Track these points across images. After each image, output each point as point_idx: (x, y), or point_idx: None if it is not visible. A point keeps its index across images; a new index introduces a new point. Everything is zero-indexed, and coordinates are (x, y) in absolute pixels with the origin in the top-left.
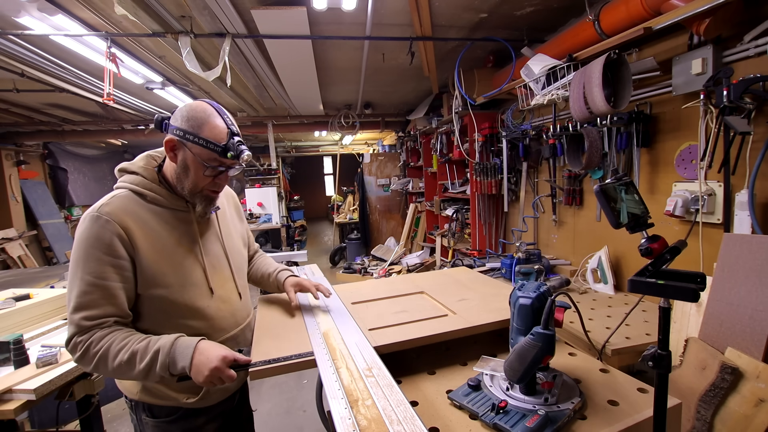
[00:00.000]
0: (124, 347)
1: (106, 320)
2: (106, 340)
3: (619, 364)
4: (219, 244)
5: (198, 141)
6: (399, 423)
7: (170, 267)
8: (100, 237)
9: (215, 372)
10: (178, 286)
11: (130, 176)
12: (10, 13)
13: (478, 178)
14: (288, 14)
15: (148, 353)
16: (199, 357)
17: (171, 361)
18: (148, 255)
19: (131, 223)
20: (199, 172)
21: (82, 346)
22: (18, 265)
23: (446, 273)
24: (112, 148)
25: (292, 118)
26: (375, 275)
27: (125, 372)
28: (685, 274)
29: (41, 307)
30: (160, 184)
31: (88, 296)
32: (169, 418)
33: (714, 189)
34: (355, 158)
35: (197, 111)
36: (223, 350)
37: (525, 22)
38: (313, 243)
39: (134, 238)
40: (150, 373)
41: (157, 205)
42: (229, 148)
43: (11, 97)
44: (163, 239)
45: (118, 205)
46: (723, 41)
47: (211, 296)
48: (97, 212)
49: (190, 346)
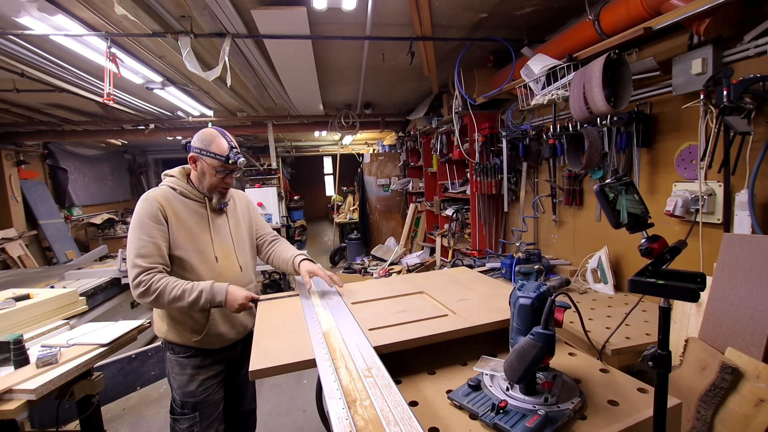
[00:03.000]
0: (177, 286)
1: (157, 265)
2: (164, 280)
3: (619, 364)
4: (227, 229)
5: (209, 154)
6: (396, 424)
7: (189, 238)
8: (150, 210)
9: (242, 304)
10: (193, 251)
11: (169, 178)
12: (10, 13)
13: (478, 178)
14: (288, 14)
15: (194, 291)
16: (230, 296)
17: (211, 297)
18: (175, 227)
19: (167, 205)
20: (212, 175)
21: (146, 283)
22: (18, 265)
23: (446, 273)
24: (112, 148)
25: (292, 118)
26: (375, 275)
27: (177, 302)
28: (685, 274)
29: (41, 307)
30: (188, 184)
31: (145, 249)
32: (185, 354)
33: (714, 189)
34: (355, 158)
35: (206, 134)
36: (245, 292)
37: (525, 22)
38: (313, 243)
39: (168, 214)
40: (195, 304)
41: (185, 197)
42: (230, 158)
43: (11, 97)
44: (186, 220)
45: (160, 193)
46: (723, 41)
47: (216, 262)
48: (147, 196)
49: (222, 288)
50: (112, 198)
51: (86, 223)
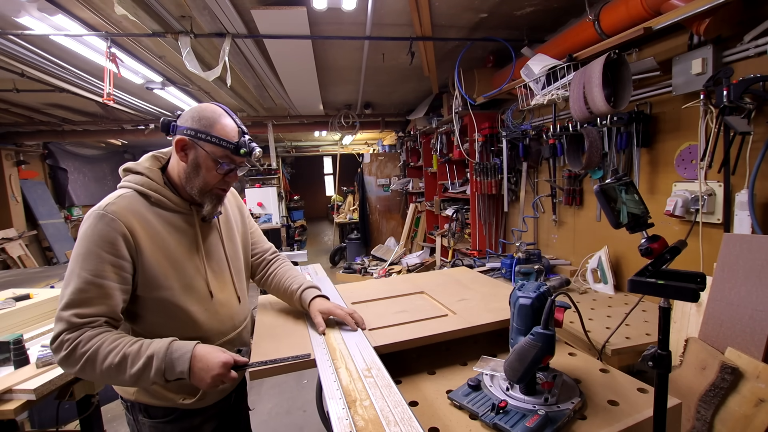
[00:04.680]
0: (114, 349)
1: (98, 320)
2: (96, 340)
3: (619, 364)
4: (220, 248)
5: (210, 139)
6: (396, 424)
7: (172, 269)
8: (104, 235)
9: (218, 378)
10: (180, 288)
11: (135, 176)
12: (10, 13)
13: (478, 178)
14: (288, 14)
15: (140, 357)
16: (198, 364)
17: (168, 366)
18: (151, 257)
19: (136, 224)
20: (211, 170)
21: (69, 345)
22: (18, 265)
23: (446, 273)
24: (112, 148)
25: (292, 118)
26: (375, 275)
27: (114, 376)
28: (685, 274)
29: (41, 307)
30: (165, 186)
31: (83, 294)
32: (166, 418)
33: (714, 189)
34: (355, 158)
35: (207, 111)
36: (222, 355)
37: (525, 22)
38: (313, 243)
39: (138, 239)
40: (141, 378)
41: (161, 207)
42: (241, 146)
43: (11, 97)
44: (166, 241)
45: (124, 205)
46: (723, 41)
47: (211, 300)
48: (103, 210)
49: (186, 351)
50: None
51: None
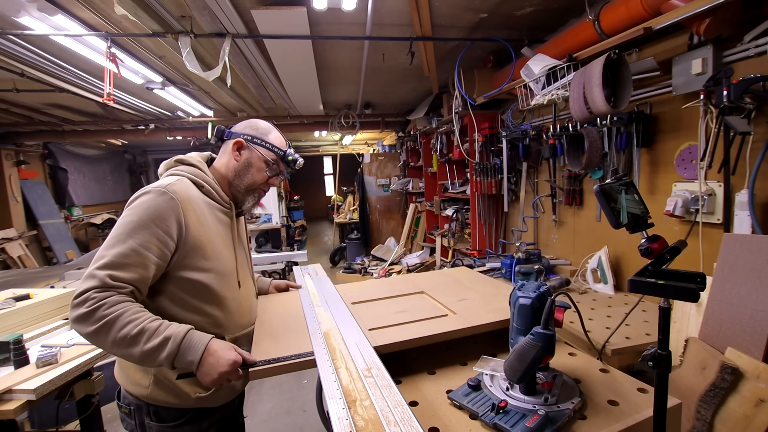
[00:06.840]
0: (134, 321)
1: (127, 287)
2: (119, 307)
3: (619, 364)
4: (243, 245)
5: (265, 144)
6: (396, 424)
7: (213, 254)
8: (161, 211)
9: (224, 375)
10: (216, 273)
11: (189, 167)
12: (10, 13)
13: (478, 178)
14: (288, 14)
15: (157, 336)
16: (210, 358)
17: (181, 352)
18: (197, 239)
19: (190, 208)
20: (261, 170)
21: (93, 303)
22: (18, 265)
23: (446, 273)
24: (112, 148)
25: (292, 118)
26: (375, 275)
27: (124, 347)
28: (685, 274)
29: (41, 307)
30: (213, 180)
31: (125, 258)
32: (176, 422)
33: (714, 189)
34: (355, 158)
35: (262, 124)
36: (233, 354)
37: (525, 22)
38: (313, 243)
39: (189, 221)
40: (151, 356)
41: (210, 197)
42: (288, 154)
43: (11, 97)
44: (211, 228)
45: (183, 188)
46: (723, 41)
47: (239, 289)
48: (164, 189)
49: (201, 342)
50: (112, 198)
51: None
